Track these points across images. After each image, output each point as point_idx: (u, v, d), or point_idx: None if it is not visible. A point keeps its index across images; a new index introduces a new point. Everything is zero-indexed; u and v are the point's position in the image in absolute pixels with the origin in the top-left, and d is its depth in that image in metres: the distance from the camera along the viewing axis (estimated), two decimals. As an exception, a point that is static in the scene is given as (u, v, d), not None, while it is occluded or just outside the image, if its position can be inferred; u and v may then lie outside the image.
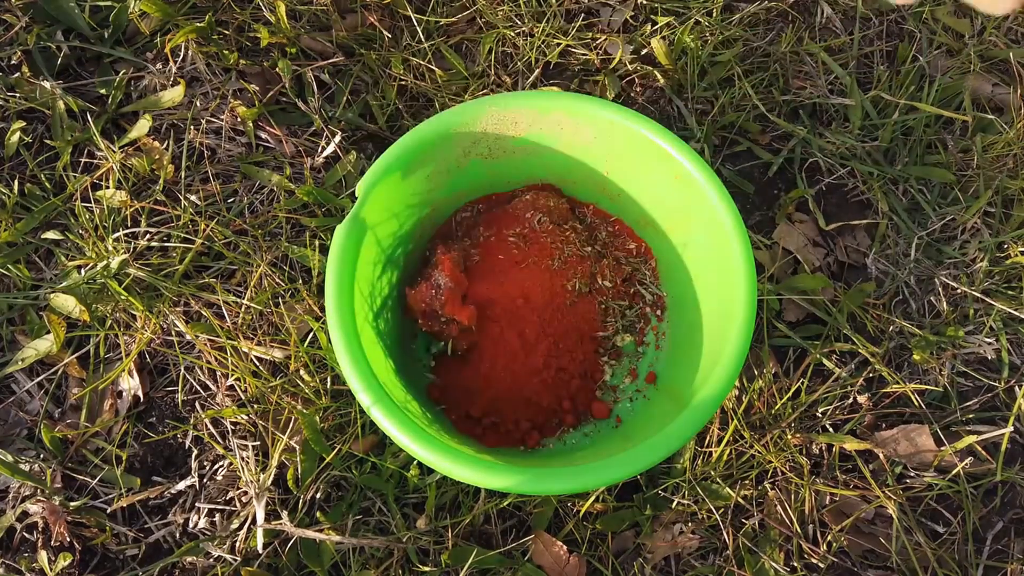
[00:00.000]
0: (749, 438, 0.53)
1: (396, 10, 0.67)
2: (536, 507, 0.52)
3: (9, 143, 0.61)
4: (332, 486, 0.52)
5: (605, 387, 0.53)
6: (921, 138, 0.64)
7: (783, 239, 0.60)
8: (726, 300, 0.44)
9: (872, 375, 0.57)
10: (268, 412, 0.53)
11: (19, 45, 0.63)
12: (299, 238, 0.59)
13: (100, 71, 0.64)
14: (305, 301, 0.55)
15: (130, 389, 0.55)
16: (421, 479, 0.51)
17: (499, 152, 0.52)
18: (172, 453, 0.54)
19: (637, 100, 0.66)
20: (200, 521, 0.52)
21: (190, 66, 0.64)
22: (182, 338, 0.56)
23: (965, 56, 0.68)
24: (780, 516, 0.52)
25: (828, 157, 0.63)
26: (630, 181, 0.53)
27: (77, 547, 0.51)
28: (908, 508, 0.53)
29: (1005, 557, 0.53)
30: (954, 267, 0.61)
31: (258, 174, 0.61)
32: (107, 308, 0.56)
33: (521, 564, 0.50)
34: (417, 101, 0.65)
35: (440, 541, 0.50)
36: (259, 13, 0.65)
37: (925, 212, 0.62)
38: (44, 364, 0.56)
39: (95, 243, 0.57)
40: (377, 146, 0.63)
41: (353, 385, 0.41)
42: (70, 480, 0.53)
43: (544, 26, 0.67)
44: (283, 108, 0.64)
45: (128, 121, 0.63)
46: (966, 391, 0.57)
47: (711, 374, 0.42)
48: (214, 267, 0.58)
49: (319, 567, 0.50)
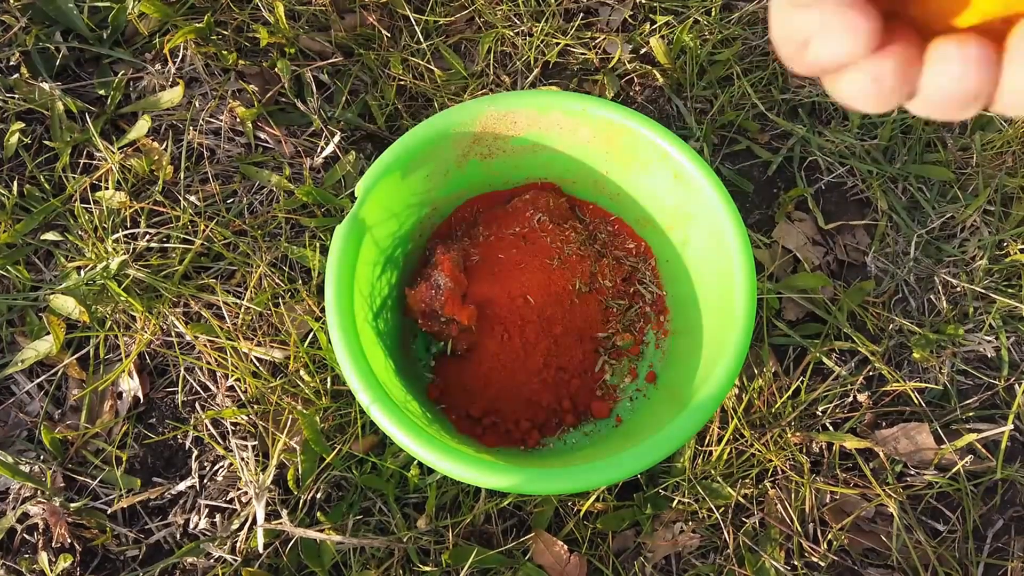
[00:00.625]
0: (749, 437, 0.53)
1: (395, 10, 0.67)
2: (536, 507, 0.52)
3: (8, 144, 0.61)
4: (332, 486, 0.52)
5: (605, 387, 0.53)
6: (920, 136, 0.64)
7: (783, 238, 0.60)
8: (726, 299, 0.44)
9: (872, 373, 0.57)
10: (268, 412, 0.53)
11: (18, 46, 0.63)
12: (299, 238, 0.59)
13: (99, 72, 0.64)
14: (305, 301, 0.55)
15: (130, 390, 0.55)
16: (421, 479, 0.51)
17: (498, 152, 0.52)
18: (172, 454, 0.54)
19: (636, 99, 0.66)
20: (200, 522, 0.52)
21: (189, 67, 0.64)
22: (182, 339, 0.56)
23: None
24: (780, 515, 0.52)
25: (827, 156, 0.63)
26: (629, 180, 0.53)
27: (78, 548, 0.51)
28: (908, 506, 0.53)
29: (1005, 555, 0.53)
30: (953, 265, 0.61)
31: (257, 174, 0.61)
32: (107, 309, 0.56)
33: (522, 563, 0.50)
34: (416, 101, 0.65)
35: (441, 541, 0.50)
36: (258, 13, 0.65)
37: (924, 210, 0.62)
38: (44, 365, 0.56)
39: (94, 244, 0.57)
40: (376, 146, 0.63)
41: (353, 385, 0.41)
42: (70, 481, 0.53)
43: (543, 25, 0.67)
44: (282, 108, 0.64)
45: (127, 122, 0.63)
46: (966, 389, 0.57)
47: (711, 373, 0.42)
48: (214, 268, 0.58)
49: (320, 567, 0.50)
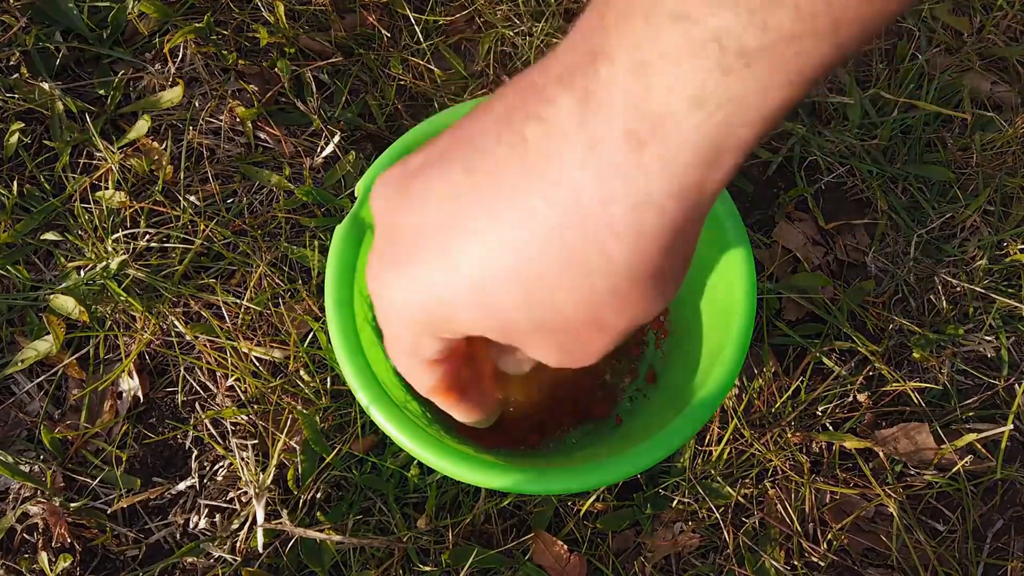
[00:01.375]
0: (749, 437, 0.53)
1: (395, 10, 0.67)
2: (536, 506, 0.52)
3: (8, 144, 0.61)
4: (332, 486, 0.52)
5: (605, 386, 0.53)
6: (920, 136, 0.64)
7: (783, 238, 0.60)
8: (726, 299, 0.44)
9: (872, 373, 0.57)
10: (268, 412, 0.53)
11: (17, 46, 0.63)
12: (299, 238, 0.59)
13: (99, 72, 0.64)
14: (305, 301, 0.55)
15: (130, 390, 0.55)
16: (421, 479, 0.51)
17: (498, 152, 0.52)
18: (172, 454, 0.54)
19: (636, 99, 0.66)
20: (200, 521, 0.52)
21: (189, 66, 0.64)
22: (182, 339, 0.56)
23: (964, 54, 0.68)
24: (780, 515, 0.52)
25: (827, 156, 0.63)
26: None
27: (77, 548, 0.51)
28: (908, 506, 0.53)
29: (1005, 555, 0.53)
30: (953, 265, 0.61)
31: (257, 174, 0.61)
32: (107, 309, 0.56)
33: (522, 563, 0.50)
34: (416, 101, 0.65)
35: (440, 541, 0.50)
36: (258, 13, 0.65)
37: (924, 210, 0.62)
38: (44, 365, 0.56)
39: (94, 244, 0.57)
40: (376, 146, 0.63)
41: (353, 385, 0.41)
42: (70, 481, 0.53)
43: (543, 25, 0.67)
44: (282, 108, 0.64)
45: (127, 122, 0.63)
46: (966, 389, 0.57)
47: (711, 373, 0.42)
48: (213, 267, 0.58)
49: (319, 567, 0.50)
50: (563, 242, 0.20)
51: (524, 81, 0.21)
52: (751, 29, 0.16)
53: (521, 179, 0.20)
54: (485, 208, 0.21)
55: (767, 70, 0.17)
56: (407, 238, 0.23)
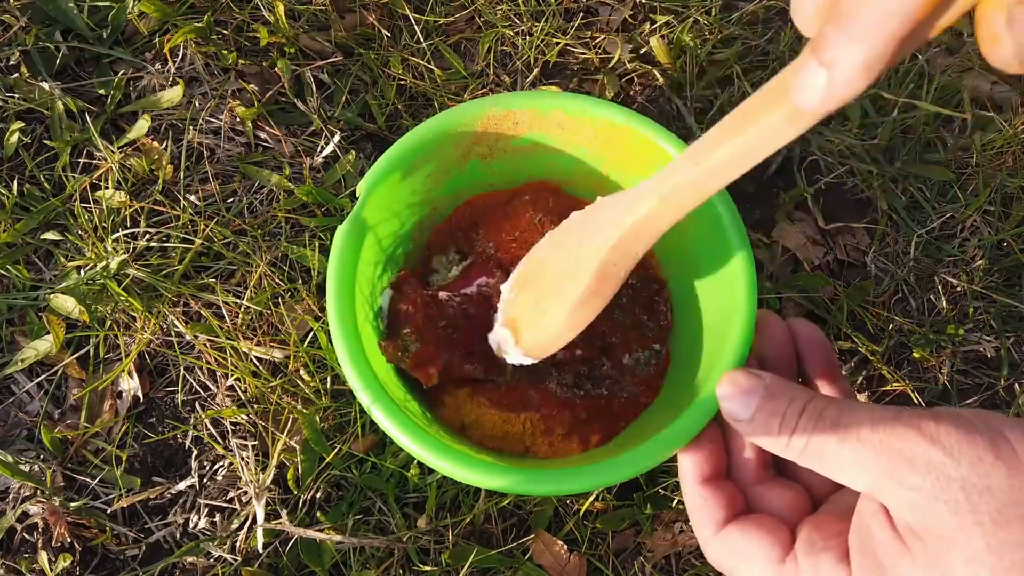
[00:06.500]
0: (749, 437, 0.53)
1: (395, 9, 0.67)
2: (536, 506, 0.52)
3: (8, 144, 0.61)
4: (332, 486, 0.52)
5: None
6: (920, 136, 0.64)
7: (783, 238, 0.60)
8: (726, 299, 0.44)
9: (872, 373, 0.57)
10: (268, 412, 0.53)
11: (18, 45, 0.63)
12: (298, 238, 0.59)
13: (99, 71, 0.64)
14: (305, 301, 0.55)
15: (130, 389, 0.55)
16: (421, 479, 0.51)
17: (499, 152, 0.52)
18: (172, 453, 0.54)
19: (636, 99, 0.66)
20: (200, 521, 0.52)
21: (189, 66, 0.64)
22: (182, 338, 0.56)
23: (964, 54, 0.68)
24: (780, 515, 0.52)
25: (827, 156, 0.63)
26: (629, 180, 0.53)
27: (77, 548, 0.51)
28: (908, 506, 0.53)
29: (1005, 555, 0.53)
30: (953, 265, 0.61)
31: (257, 174, 0.61)
32: (106, 309, 0.56)
33: (522, 563, 0.50)
34: (416, 101, 0.65)
35: (440, 540, 0.50)
36: (258, 13, 0.65)
37: (924, 210, 0.62)
38: (44, 365, 0.56)
39: (94, 244, 0.57)
40: (376, 146, 0.63)
41: (353, 385, 0.41)
42: (70, 481, 0.53)
43: (543, 25, 0.67)
44: (282, 108, 0.64)
45: (127, 121, 0.63)
46: (966, 389, 0.57)
47: (711, 373, 0.42)
48: (213, 267, 0.58)
49: (319, 567, 0.50)
50: None
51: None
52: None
53: None
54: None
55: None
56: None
